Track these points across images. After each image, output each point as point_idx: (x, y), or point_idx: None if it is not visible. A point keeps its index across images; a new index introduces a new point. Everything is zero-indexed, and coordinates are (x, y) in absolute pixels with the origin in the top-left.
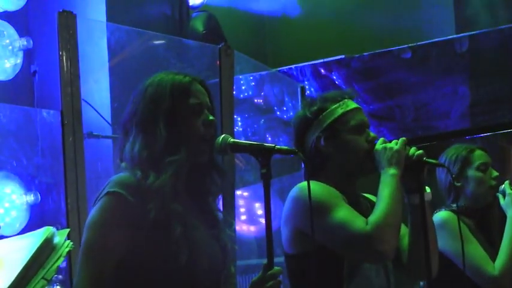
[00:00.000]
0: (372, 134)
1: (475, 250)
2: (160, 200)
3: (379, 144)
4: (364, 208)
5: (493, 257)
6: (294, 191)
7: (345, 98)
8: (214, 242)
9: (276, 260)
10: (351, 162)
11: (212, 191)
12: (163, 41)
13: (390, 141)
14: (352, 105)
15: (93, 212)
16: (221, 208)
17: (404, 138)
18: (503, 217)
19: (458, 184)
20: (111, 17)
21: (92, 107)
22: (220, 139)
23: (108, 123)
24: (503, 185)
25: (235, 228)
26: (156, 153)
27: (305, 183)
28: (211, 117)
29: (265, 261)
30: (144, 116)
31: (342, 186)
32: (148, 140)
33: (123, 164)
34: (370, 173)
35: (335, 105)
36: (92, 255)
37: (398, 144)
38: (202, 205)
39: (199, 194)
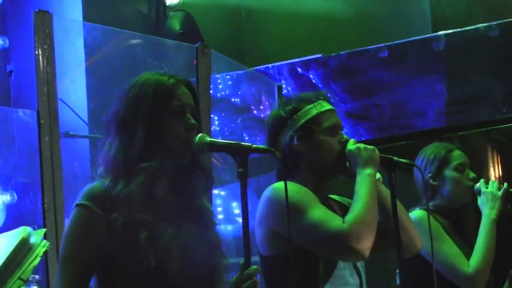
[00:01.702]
0: (345, 137)
1: (450, 249)
2: (125, 207)
3: (351, 145)
4: (334, 209)
5: (468, 256)
6: (267, 192)
7: (320, 99)
8: (198, 240)
9: (253, 259)
10: (323, 162)
11: (199, 189)
12: (140, 41)
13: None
14: (327, 106)
15: (67, 223)
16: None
17: None
18: (479, 217)
19: (435, 183)
20: (87, 16)
21: (69, 107)
22: (197, 138)
23: (85, 122)
24: (478, 184)
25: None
26: (132, 158)
27: (279, 183)
28: (192, 121)
29: (242, 260)
30: (124, 118)
31: (314, 187)
32: (126, 143)
33: (100, 169)
34: (340, 174)
35: (309, 106)
36: (65, 265)
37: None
38: (188, 204)
39: (185, 193)
